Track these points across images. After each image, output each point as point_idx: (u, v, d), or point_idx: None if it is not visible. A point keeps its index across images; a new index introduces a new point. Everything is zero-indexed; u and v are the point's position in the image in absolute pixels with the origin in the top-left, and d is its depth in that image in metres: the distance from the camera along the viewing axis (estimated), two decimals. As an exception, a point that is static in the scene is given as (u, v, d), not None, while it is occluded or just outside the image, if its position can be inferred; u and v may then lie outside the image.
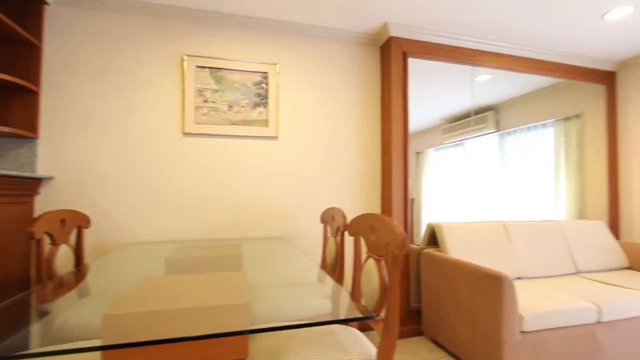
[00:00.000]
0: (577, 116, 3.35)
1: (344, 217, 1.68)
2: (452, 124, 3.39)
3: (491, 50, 2.81)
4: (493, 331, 1.72)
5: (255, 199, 2.37)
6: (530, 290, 2.10)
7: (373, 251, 1.22)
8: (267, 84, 2.41)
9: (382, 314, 1.11)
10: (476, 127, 3.87)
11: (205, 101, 2.29)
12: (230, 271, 1.32)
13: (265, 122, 2.40)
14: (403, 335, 2.41)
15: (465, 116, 3.10)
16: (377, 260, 1.19)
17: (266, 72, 2.42)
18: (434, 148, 3.11)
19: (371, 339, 2.25)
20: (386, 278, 1.13)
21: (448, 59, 2.66)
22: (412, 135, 2.73)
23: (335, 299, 1.30)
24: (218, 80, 2.32)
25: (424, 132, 3.06)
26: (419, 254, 2.52)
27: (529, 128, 3.84)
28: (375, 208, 2.64)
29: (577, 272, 2.61)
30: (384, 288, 1.14)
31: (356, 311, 1.06)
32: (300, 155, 2.48)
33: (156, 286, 0.90)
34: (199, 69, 2.28)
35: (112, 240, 2.11)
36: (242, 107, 2.36)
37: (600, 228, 2.88)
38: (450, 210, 3.10)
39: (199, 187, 2.27)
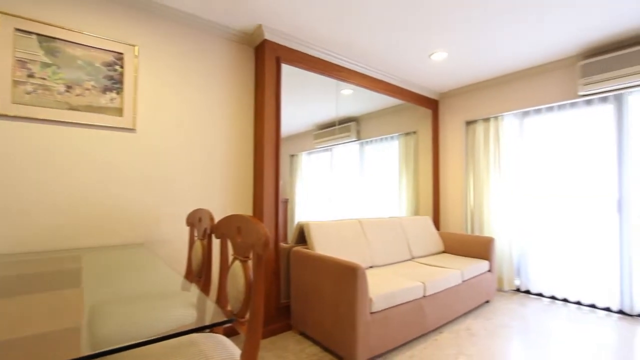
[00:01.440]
0: (414, 132, 4.16)
1: (212, 219, 1.60)
2: (322, 131, 3.68)
3: (355, 70, 3.20)
4: (349, 315, 1.95)
5: (105, 201, 2.00)
6: (378, 276, 2.48)
7: (239, 253, 1.21)
8: (122, 67, 2.07)
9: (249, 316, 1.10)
10: (341, 135, 4.29)
11: (31, 76, 1.79)
12: (64, 289, 1.07)
13: (118, 111, 2.05)
14: (274, 332, 2.47)
15: (332, 124, 3.41)
16: (243, 262, 1.18)
17: (121, 53, 2.08)
18: (306, 151, 3.29)
19: (240, 343, 2.21)
20: (252, 279, 1.14)
21: (318, 71, 2.88)
22: (286, 138, 2.82)
23: (200, 307, 1.22)
24: (51, 52, 1.85)
25: (298, 136, 3.20)
26: (289, 252, 2.63)
27: (381, 139, 4.50)
28: (247, 209, 2.62)
29: (412, 258, 3.23)
30: (249, 289, 1.14)
31: (221, 316, 1.03)
32: (164, 151, 2.23)
33: None
34: (20, 34, 1.77)
35: None
36: (87, 89, 1.96)
37: (427, 222, 3.65)
38: (320, 209, 3.33)
39: (25, 186, 1.76)
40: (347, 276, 1.97)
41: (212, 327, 0.94)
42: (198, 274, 1.76)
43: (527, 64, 3.23)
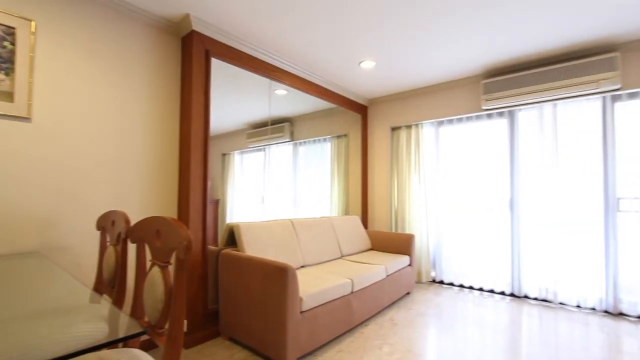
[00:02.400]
0: (345, 135, 4.33)
1: (127, 222, 1.45)
2: (255, 130, 3.60)
3: (288, 70, 3.20)
4: (279, 316, 1.94)
5: (-15, 202, 1.66)
6: (309, 275, 2.52)
7: (159, 258, 1.11)
8: (13, 44, 1.76)
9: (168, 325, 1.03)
10: (274, 135, 4.26)
11: None
12: None
13: (8, 96, 1.73)
14: (201, 340, 2.33)
15: (266, 124, 3.37)
16: (163, 268, 1.09)
17: (13, 28, 1.76)
18: (239, 151, 3.19)
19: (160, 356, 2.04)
20: (172, 285, 1.06)
21: (251, 69, 2.82)
22: (217, 137, 2.70)
23: (112, 320, 1.09)
24: None
25: (230, 135, 3.09)
26: (217, 254, 2.52)
27: (314, 141, 4.59)
28: (172, 211, 2.43)
29: (342, 256, 3.36)
30: (169, 297, 1.06)
31: (137, 328, 0.93)
32: (68, 145, 1.95)
33: None
34: None
35: None
36: (-38, 68, 1.61)
37: (356, 221, 3.83)
38: (253, 210, 3.26)
39: None
40: (278, 277, 1.96)
41: (125, 341, 0.85)
42: (110, 284, 1.58)
43: (443, 79, 3.62)
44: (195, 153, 2.37)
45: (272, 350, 1.98)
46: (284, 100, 3.70)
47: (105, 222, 1.72)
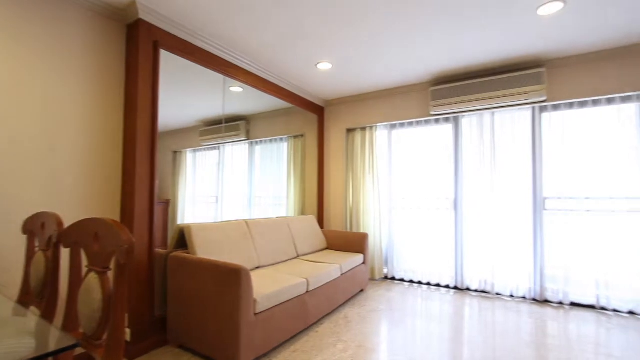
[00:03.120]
0: (302, 135, 4.35)
1: (60, 224, 1.31)
2: (209, 128, 3.47)
3: (244, 68, 3.13)
4: (232, 319, 1.89)
5: None
6: (264, 276, 2.48)
7: (96, 263, 1.03)
8: None
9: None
10: (230, 133, 4.14)
11: None
12: None
13: None
14: (146, 349, 2.19)
15: (220, 122, 3.26)
16: (101, 274, 1.01)
17: None
18: (192, 149, 3.06)
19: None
20: (112, 293, 0.98)
21: (204, 64, 2.72)
22: (168, 133, 2.56)
23: (41, 333, 0.99)
24: None
25: (182, 132, 2.95)
26: (166, 258, 2.38)
27: (271, 140, 4.54)
28: (114, 212, 2.26)
29: (298, 256, 3.36)
30: (108, 305, 0.98)
31: (69, 341, 0.85)
32: (-12, 139, 1.72)
33: None
34: None
35: None
36: None
37: (312, 221, 3.86)
38: (207, 211, 3.14)
39: None
40: (231, 279, 1.91)
41: (55, 355, 0.77)
42: (39, 295, 1.42)
43: (395, 84, 3.79)
44: (141, 150, 2.22)
45: (225, 354, 1.92)
46: (239, 97, 3.61)
47: (34, 225, 1.54)
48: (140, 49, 2.21)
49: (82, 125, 2.10)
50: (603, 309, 2.96)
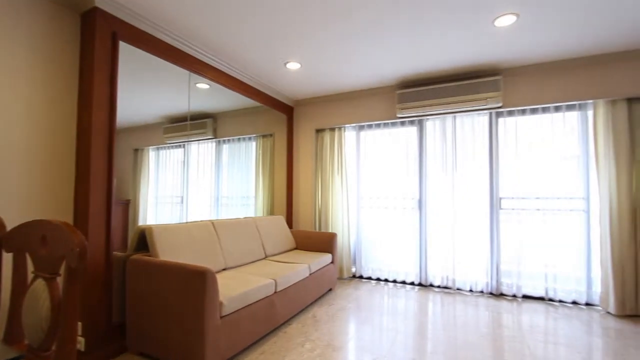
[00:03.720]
0: (271, 135, 4.30)
1: (1, 227, 1.20)
2: (174, 125, 3.34)
3: (211, 64, 3.04)
4: (197, 323, 1.83)
5: None
6: (231, 278, 2.43)
7: (43, 269, 0.95)
8: None
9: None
10: (196, 131, 4.01)
11: None
12: None
13: None
14: (103, 358, 2.05)
15: (186, 119, 3.14)
16: (49, 280, 0.93)
17: None
18: (155, 146, 2.93)
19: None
20: (61, 300, 0.91)
21: (168, 59, 2.61)
22: (128, 130, 2.43)
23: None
24: None
25: (144, 128, 2.81)
26: (124, 261, 2.26)
27: (239, 139, 4.45)
28: (66, 213, 2.10)
29: (266, 257, 3.32)
30: (57, 313, 0.91)
31: (10, 353, 0.78)
32: None
33: None
34: None
35: None
36: None
37: (281, 221, 3.83)
38: (171, 211, 3.02)
39: None
40: (195, 282, 1.85)
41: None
42: (-25, 304, 1.29)
43: (364, 86, 3.86)
44: (97, 147, 2.09)
45: (188, 360, 1.85)
46: (206, 94, 3.51)
47: (-31, 229, 1.39)
48: (96, 40, 2.08)
49: (30, 120, 1.93)
50: (551, 300, 3.21)
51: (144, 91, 2.76)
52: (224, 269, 2.73)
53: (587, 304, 3.08)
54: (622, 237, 2.84)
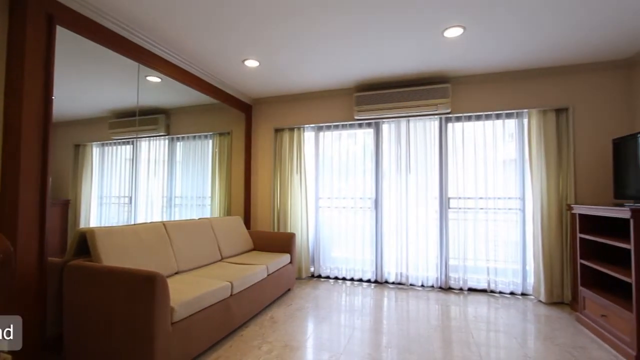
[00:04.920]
0: (228, 133, 4.19)
1: None
2: (121, 120, 3.11)
3: (163, 57, 2.88)
4: (146, 332, 1.71)
5: None
6: (184, 282, 2.32)
7: (-41, 277, 0.83)
8: None
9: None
10: (146, 127, 3.78)
11: None
12: None
13: None
14: (31, 379, 1.85)
15: (134, 113, 2.95)
16: (-34, 289, 0.82)
17: None
18: (99, 142, 2.72)
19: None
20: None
21: (114, 48, 2.42)
22: (68, 123, 2.23)
23: None
24: None
25: (87, 122, 2.60)
26: (62, 268, 2.05)
27: (195, 137, 4.28)
28: (-11, 215, 1.86)
29: (223, 259, 3.21)
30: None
31: None
32: None
33: None
34: None
35: None
36: None
37: (238, 222, 3.74)
38: (118, 213, 2.82)
39: None
40: (143, 287, 1.73)
41: None
42: None
43: (323, 87, 3.90)
44: (28, 141, 1.88)
45: (135, 371, 1.73)
46: (157, 88, 3.32)
47: None
48: (28, 22, 1.87)
49: (-58, 107, 1.68)
50: (492, 292, 3.49)
51: (87, 82, 2.55)
52: (176, 273, 2.60)
53: (523, 294, 3.40)
54: (551, 233, 3.18)
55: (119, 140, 3.10)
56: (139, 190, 3.08)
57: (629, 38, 2.63)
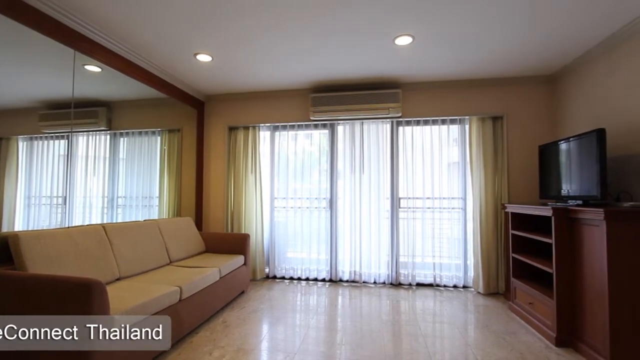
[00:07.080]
0: (179, 130, 3.98)
1: None
2: (54, 111, 2.81)
3: (104, 45, 2.64)
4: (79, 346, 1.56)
5: None
6: (127, 289, 2.15)
7: None
8: None
9: None
10: (84, 120, 3.49)
11: None
12: None
13: None
14: None
15: (69, 105, 2.67)
16: None
17: None
18: (26, 136, 2.44)
19: None
20: None
21: (44, 31, 2.18)
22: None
23: None
24: None
25: (11, 113, 2.32)
26: (-24, 279, 1.80)
27: (140, 133, 4.00)
28: None
29: (171, 262, 3.04)
30: None
31: None
32: None
33: None
34: None
35: None
36: None
37: (188, 223, 3.57)
38: (50, 215, 2.55)
39: None
40: (78, 296, 1.58)
41: None
42: None
43: (280, 86, 3.87)
44: None
45: (68, 389, 1.57)
46: (97, 79, 3.06)
47: None
48: None
49: None
50: (438, 285, 3.73)
51: (11, 68, 2.28)
52: (118, 279, 2.41)
53: (464, 287, 3.68)
54: (488, 231, 3.48)
55: (52, 134, 2.80)
56: (75, 189, 2.82)
57: (553, 55, 2.97)
